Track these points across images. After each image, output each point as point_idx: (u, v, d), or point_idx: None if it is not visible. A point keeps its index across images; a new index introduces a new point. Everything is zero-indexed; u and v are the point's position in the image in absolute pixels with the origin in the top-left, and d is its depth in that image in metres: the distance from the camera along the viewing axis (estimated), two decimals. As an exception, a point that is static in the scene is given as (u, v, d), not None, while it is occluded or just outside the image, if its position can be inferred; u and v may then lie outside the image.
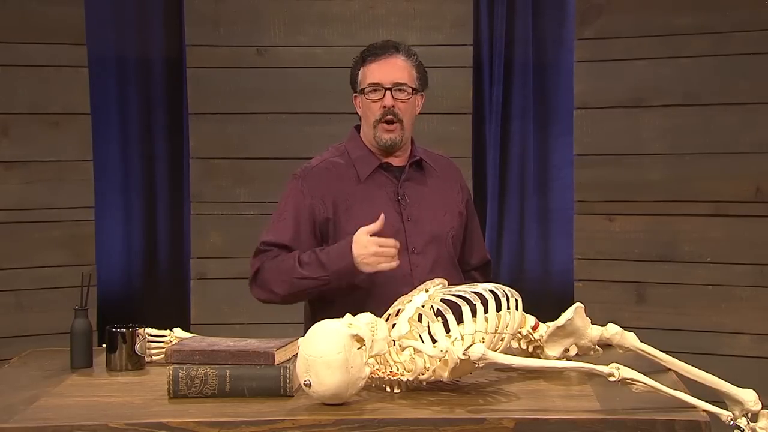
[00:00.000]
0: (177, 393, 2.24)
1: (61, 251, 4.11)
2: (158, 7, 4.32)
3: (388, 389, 2.26)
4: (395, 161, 3.02)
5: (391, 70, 2.96)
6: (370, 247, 2.79)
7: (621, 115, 4.13)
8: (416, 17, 4.26)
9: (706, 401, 2.13)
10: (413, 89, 2.97)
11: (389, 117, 2.93)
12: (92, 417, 2.11)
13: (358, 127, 3.07)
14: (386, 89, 2.93)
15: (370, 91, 2.95)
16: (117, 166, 4.31)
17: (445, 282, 2.50)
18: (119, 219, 4.32)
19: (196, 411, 2.14)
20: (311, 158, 3.10)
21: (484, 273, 3.18)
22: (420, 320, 2.30)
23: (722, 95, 3.99)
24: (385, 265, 2.80)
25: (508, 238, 4.34)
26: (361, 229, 2.82)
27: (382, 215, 2.82)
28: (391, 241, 2.80)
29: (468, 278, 3.07)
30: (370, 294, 2.85)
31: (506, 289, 2.37)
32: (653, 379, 2.14)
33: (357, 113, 3.05)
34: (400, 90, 2.95)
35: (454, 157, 3.31)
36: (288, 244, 2.94)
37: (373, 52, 2.99)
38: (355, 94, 3.03)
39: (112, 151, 4.30)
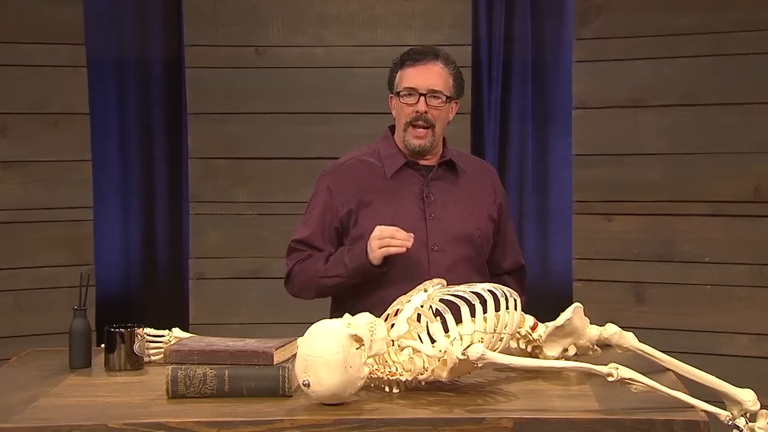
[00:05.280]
0: (176, 393, 2.24)
1: (60, 251, 4.10)
2: (157, 7, 4.32)
3: (386, 389, 2.27)
4: (424, 161, 3.05)
5: (428, 76, 2.97)
6: (376, 236, 2.82)
7: (620, 115, 4.13)
8: (415, 17, 4.25)
9: (704, 401, 2.13)
10: (447, 97, 2.99)
11: (420, 122, 2.96)
12: (91, 417, 2.11)
13: (392, 128, 3.11)
14: (421, 95, 2.96)
15: (405, 95, 2.98)
16: (116, 166, 4.31)
17: (444, 282, 2.51)
18: (118, 219, 4.32)
19: (194, 411, 2.14)
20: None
21: (518, 278, 3.18)
22: (419, 320, 2.30)
23: (721, 95, 3.99)
24: (393, 249, 2.82)
25: (508, 238, 4.33)
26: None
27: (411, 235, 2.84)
28: (402, 233, 2.81)
29: (500, 282, 3.06)
30: (388, 290, 2.84)
31: (505, 289, 2.38)
32: (652, 379, 2.14)
33: (392, 114, 3.08)
34: (434, 96, 2.97)
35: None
36: (315, 243, 3.01)
37: (413, 57, 3.01)
38: (391, 95, 3.06)
39: (110, 151, 4.29)
